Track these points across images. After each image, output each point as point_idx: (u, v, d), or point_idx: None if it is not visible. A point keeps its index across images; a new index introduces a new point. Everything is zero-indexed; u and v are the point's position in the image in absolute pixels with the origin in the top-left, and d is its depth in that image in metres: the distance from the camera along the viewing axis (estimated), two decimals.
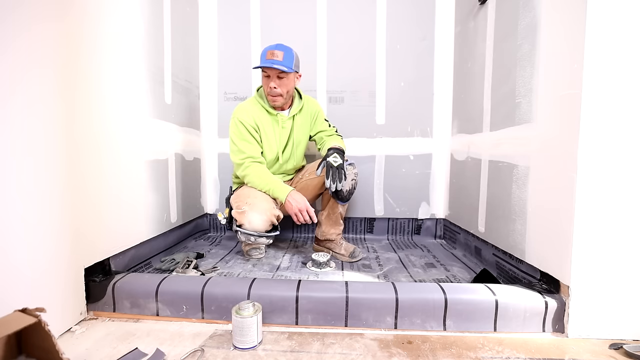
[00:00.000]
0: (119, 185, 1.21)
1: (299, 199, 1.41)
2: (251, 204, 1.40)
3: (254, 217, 1.37)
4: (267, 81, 1.46)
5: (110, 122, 1.16)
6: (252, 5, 1.96)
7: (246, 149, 1.48)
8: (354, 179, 1.52)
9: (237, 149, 1.49)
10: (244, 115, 1.49)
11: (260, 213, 1.38)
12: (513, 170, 1.22)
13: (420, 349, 0.89)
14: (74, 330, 0.97)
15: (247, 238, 1.40)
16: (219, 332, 0.97)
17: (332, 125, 1.71)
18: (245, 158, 1.48)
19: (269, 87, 1.46)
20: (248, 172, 1.48)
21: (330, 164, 1.41)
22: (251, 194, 1.45)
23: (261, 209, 1.39)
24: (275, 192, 1.44)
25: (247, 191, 1.48)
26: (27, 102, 0.83)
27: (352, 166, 1.53)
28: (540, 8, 1.08)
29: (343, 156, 1.47)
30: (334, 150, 1.47)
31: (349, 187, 1.50)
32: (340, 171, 1.39)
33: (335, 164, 1.40)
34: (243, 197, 1.46)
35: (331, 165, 1.40)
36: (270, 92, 1.47)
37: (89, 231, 1.05)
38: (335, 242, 1.62)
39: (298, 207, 1.39)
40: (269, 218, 1.39)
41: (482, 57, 1.49)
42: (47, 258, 0.90)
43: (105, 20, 1.14)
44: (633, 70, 0.88)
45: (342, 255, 1.59)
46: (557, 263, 1.00)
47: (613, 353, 0.87)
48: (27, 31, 0.83)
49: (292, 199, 1.40)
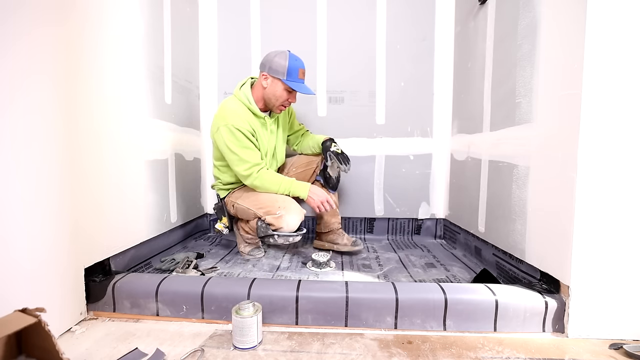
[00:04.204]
0: (119, 186, 1.21)
1: (318, 192, 1.48)
2: (285, 207, 1.41)
3: (292, 218, 1.41)
4: (288, 95, 1.49)
5: (111, 122, 1.16)
6: (252, 5, 1.96)
7: (249, 157, 1.43)
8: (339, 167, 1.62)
9: (239, 159, 1.42)
10: (238, 121, 1.42)
11: (297, 213, 1.42)
12: (513, 170, 1.22)
13: (420, 349, 0.89)
14: (74, 330, 0.97)
15: (286, 239, 1.43)
16: (219, 332, 0.97)
17: (301, 124, 1.79)
18: (251, 167, 1.44)
19: (288, 102, 1.50)
20: (259, 182, 1.45)
21: (335, 152, 1.56)
22: (277, 198, 1.45)
23: (296, 209, 1.43)
24: (297, 191, 1.47)
25: (266, 195, 1.47)
26: (28, 104, 0.83)
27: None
28: (540, 8, 1.08)
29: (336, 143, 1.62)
30: (329, 140, 1.61)
31: (337, 174, 1.63)
32: (344, 155, 1.57)
33: (339, 150, 1.58)
34: (269, 201, 1.44)
35: (337, 154, 1.56)
36: (286, 105, 1.52)
37: (89, 231, 1.05)
38: (337, 233, 1.68)
39: (320, 199, 1.47)
40: (302, 217, 1.45)
41: (482, 57, 1.49)
42: (47, 258, 0.90)
43: (106, 21, 1.14)
44: (633, 70, 0.88)
45: (345, 244, 1.65)
46: (557, 263, 1.00)
47: (613, 353, 0.87)
48: (27, 34, 0.84)
49: (312, 194, 1.47)
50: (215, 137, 1.47)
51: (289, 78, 1.43)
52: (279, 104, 1.49)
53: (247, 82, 1.53)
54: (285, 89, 1.46)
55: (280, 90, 1.46)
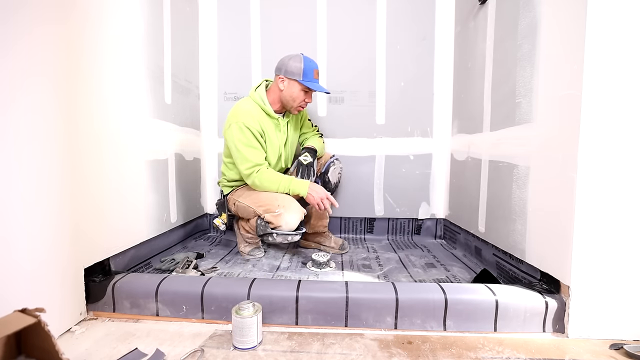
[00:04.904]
0: (119, 186, 1.20)
1: (318, 189, 1.48)
2: (284, 205, 1.43)
3: (291, 217, 1.42)
4: (305, 96, 1.52)
5: (111, 122, 1.16)
6: (252, 5, 1.96)
7: (252, 156, 1.47)
8: (340, 172, 1.67)
9: (243, 157, 1.46)
10: (248, 120, 1.46)
11: (296, 212, 1.44)
12: (513, 170, 1.22)
13: (421, 349, 0.89)
14: (73, 330, 0.97)
15: (284, 238, 1.45)
16: (219, 332, 0.97)
17: (315, 125, 1.80)
18: (253, 167, 1.47)
19: (305, 102, 1.53)
20: (259, 181, 1.47)
21: (301, 162, 1.57)
22: (277, 197, 1.47)
23: (295, 208, 1.44)
24: (297, 189, 1.47)
25: (265, 194, 1.49)
26: (29, 103, 0.83)
27: (338, 161, 1.68)
28: (541, 8, 1.08)
29: (314, 155, 1.61)
30: (306, 149, 1.61)
31: (336, 179, 1.64)
32: (310, 169, 1.56)
33: (305, 162, 1.56)
34: (269, 200, 1.46)
35: (301, 164, 1.56)
36: (303, 106, 1.55)
37: (89, 231, 1.05)
38: (324, 235, 1.71)
39: (320, 196, 1.46)
40: (301, 216, 1.46)
41: (482, 57, 1.49)
42: (47, 258, 0.89)
43: (106, 21, 1.14)
44: (633, 70, 0.88)
45: (332, 247, 1.69)
46: (557, 263, 1.00)
47: (613, 353, 0.87)
48: (28, 34, 0.83)
49: (312, 191, 1.47)
50: (226, 135, 1.52)
51: (305, 79, 1.47)
52: (297, 105, 1.53)
53: (262, 84, 1.59)
54: (302, 90, 1.50)
55: (297, 91, 1.50)
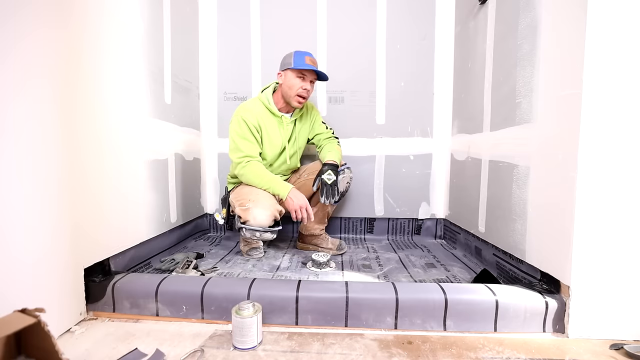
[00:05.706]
0: (119, 186, 1.20)
1: (299, 197, 1.46)
2: (254, 200, 1.43)
3: (258, 212, 1.40)
4: (301, 82, 1.51)
5: (111, 122, 1.16)
6: (252, 5, 1.96)
7: (245, 147, 1.50)
8: (349, 182, 1.62)
9: (236, 147, 1.51)
10: (247, 114, 1.51)
11: (265, 209, 1.42)
12: (513, 170, 1.22)
13: (421, 349, 0.89)
14: (73, 330, 0.97)
15: (253, 234, 1.43)
16: (219, 332, 0.97)
17: (329, 128, 1.76)
18: (243, 157, 1.50)
19: (303, 89, 1.51)
20: (245, 170, 1.49)
21: (325, 181, 1.51)
22: (253, 191, 1.48)
23: (265, 204, 1.43)
24: (276, 189, 1.47)
25: (248, 189, 1.51)
26: (29, 103, 0.83)
27: (349, 170, 1.63)
28: (541, 8, 1.08)
29: (337, 171, 1.55)
30: (328, 166, 1.54)
31: (344, 189, 1.60)
32: (334, 188, 1.51)
33: (329, 181, 1.51)
34: (245, 194, 1.48)
35: (325, 183, 1.51)
36: (301, 94, 1.53)
37: (89, 231, 1.05)
38: (320, 237, 1.71)
39: (299, 204, 1.45)
40: (273, 213, 1.43)
41: (482, 57, 1.49)
42: (47, 258, 0.89)
43: (106, 21, 1.14)
44: (633, 70, 0.88)
45: (330, 249, 1.68)
46: (557, 263, 1.00)
47: (614, 353, 0.87)
48: (29, 35, 0.83)
49: (292, 197, 1.45)
50: (229, 128, 1.57)
51: (296, 64, 1.49)
52: (295, 94, 1.52)
53: (271, 85, 1.63)
54: (297, 76, 1.50)
55: (292, 79, 1.51)
